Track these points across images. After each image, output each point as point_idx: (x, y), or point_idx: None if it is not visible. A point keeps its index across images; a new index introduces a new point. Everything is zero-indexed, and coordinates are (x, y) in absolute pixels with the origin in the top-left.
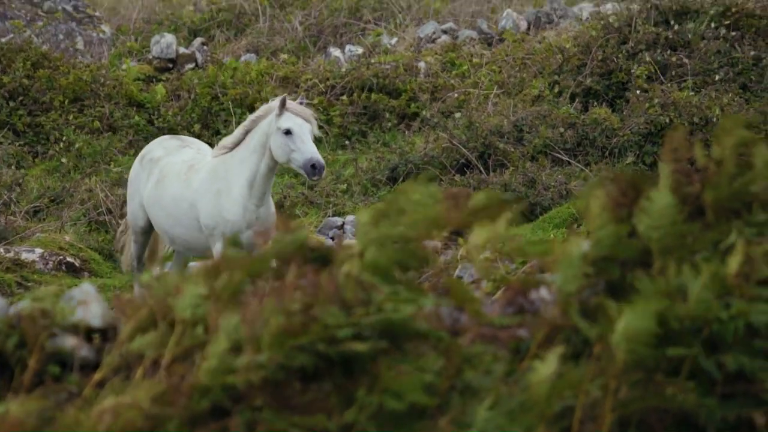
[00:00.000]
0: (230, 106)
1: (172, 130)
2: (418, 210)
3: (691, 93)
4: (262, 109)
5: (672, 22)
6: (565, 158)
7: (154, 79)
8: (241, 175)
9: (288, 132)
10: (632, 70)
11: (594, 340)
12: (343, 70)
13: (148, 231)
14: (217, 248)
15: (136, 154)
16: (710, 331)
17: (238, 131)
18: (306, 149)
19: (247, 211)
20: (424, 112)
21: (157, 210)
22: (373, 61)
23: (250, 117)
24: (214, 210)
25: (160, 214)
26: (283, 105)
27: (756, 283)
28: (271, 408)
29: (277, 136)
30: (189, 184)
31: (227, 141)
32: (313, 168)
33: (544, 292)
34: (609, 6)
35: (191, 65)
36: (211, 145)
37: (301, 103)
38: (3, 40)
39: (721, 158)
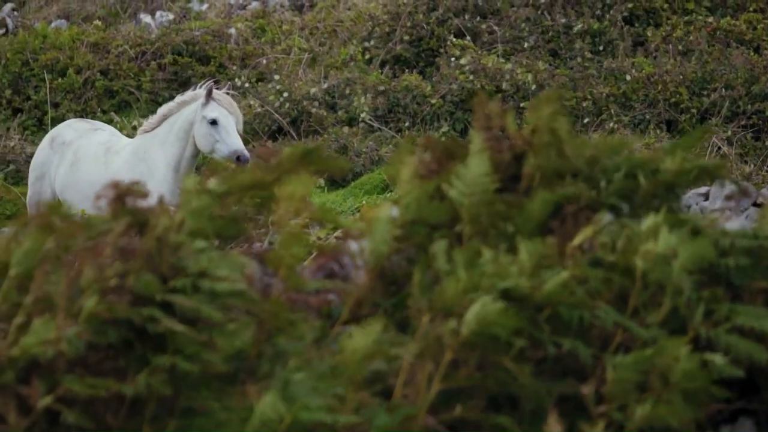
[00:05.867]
0: (41, 72)
1: None
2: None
3: (502, 60)
4: (188, 95)
5: None
6: (376, 125)
7: None
8: (164, 158)
9: (214, 122)
10: (444, 38)
11: (424, 310)
12: (154, 36)
13: None
14: None
15: None
16: (554, 311)
17: (160, 112)
18: (231, 141)
19: (174, 195)
20: (235, 80)
21: (72, 194)
22: (183, 27)
23: (176, 99)
24: None
25: (75, 198)
26: (209, 94)
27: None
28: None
29: (202, 126)
30: (108, 166)
31: (148, 122)
32: (239, 160)
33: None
34: None
35: (2, 31)
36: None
37: (227, 93)
38: None
39: (537, 128)
